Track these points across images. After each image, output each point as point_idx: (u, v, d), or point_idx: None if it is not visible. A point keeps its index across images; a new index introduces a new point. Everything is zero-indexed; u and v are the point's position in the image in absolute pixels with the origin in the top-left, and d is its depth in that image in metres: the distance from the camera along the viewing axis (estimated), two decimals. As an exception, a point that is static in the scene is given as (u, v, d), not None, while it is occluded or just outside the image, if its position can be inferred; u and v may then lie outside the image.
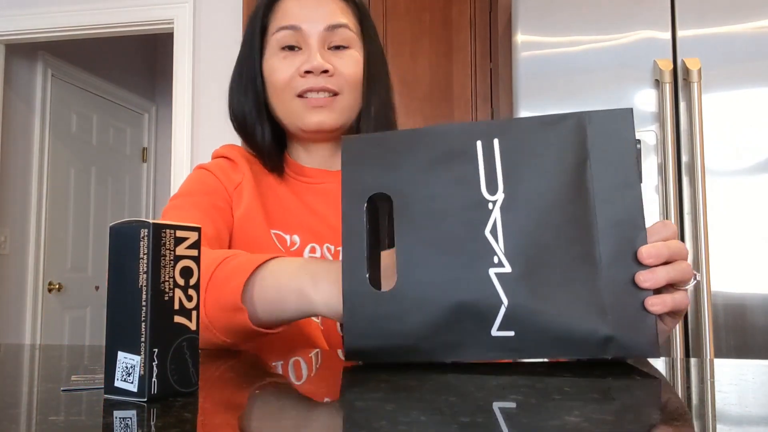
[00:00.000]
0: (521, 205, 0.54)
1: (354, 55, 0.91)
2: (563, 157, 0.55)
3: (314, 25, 0.89)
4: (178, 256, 0.49)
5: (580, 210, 0.54)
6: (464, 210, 0.55)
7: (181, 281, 0.49)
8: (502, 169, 0.55)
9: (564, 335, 0.53)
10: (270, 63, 0.91)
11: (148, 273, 0.47)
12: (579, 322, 0.53)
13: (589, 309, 0.53)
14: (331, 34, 0.89)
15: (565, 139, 0.55)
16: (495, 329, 0.53)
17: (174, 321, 0.48)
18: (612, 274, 0.53)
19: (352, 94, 0.90)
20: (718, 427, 0.38)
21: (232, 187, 0.91)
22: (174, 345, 0.48)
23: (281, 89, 0.89)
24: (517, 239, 0.54)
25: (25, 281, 3.35)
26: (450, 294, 0.53)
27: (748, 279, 1.57)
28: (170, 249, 0.48)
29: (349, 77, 0.89)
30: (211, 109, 2.85)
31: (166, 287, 0.47)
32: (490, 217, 0.54)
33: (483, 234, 0.54)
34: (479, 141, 0.56)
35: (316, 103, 0.88)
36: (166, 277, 0.48)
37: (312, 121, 0.89)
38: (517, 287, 0.53)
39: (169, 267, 0.48)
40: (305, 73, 0.88)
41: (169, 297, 0.48)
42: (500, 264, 0.53)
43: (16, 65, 3.31)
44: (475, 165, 0.55)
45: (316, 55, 0.88)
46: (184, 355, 0.48)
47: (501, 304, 0.53)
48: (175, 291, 0.48)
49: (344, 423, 0.40)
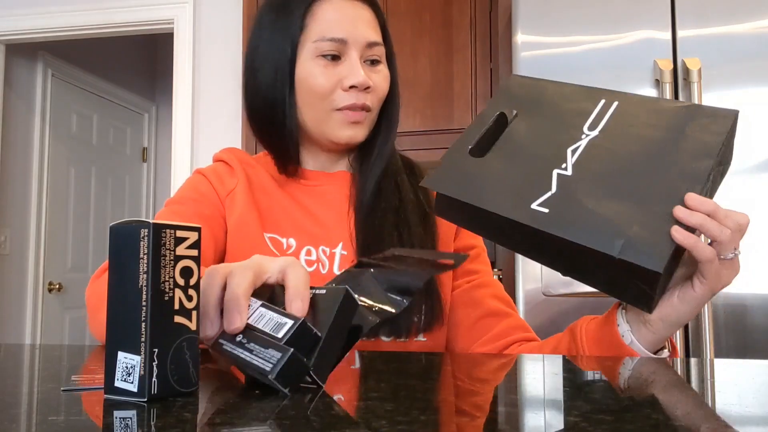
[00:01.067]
0: (607, 145, 0.67)
1: (385, 72, 0.92)
2: (659, 132, 0.66)
3: (357, 38, 0.88)
4: (178, 256, 0.49)
5: (653, 166, 0.64)
6: (564, 131, 0.69)
7: (181, 281, 0.49)
8: (609, 120, 0.69)
9: (587, 224, 0.61)
10: (308, 68, 0.88)
11: (148, 273, 0.47)
12: (606, 221, 0.61)
13: (619, 217, 0.61)
14: (369, 49, 0.89)
15: (668, 118, 0.67)
16: (535, 203, 0.64)
17: (174, 321, 0.48)
18: (655, 208, 0.61)
19: (378, 109, 0.92)
20: (718, 427, 0.38)
21: (225, 193, 0.91)
22: (174, 345, 0.48)
23: (319, 99, 0.88)
24: (589, 162, 0.66)
25: (25, 281, 3.35)
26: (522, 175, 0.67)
27: (748, 279, 1.57)
28: (170, 249, 0.48)
29: (380, 93, 0.91)
30: (211, 109, 2.85)
31: (166, 287, 0.47)
32: (579, 142, 0.68)
33: (565, 150, 0.68)
34: (603, 99, 0.71)
35: (354, 118, 0.88)
36: (166, 277, 0.48)
37: (346, 135, 0.89)
38: (568, 184, 0.65)
39: (169, 267, 0.48)
40: (349, 88, 0.87)
41: (169, 297, 0.48)
42: (565, 169, 0.66)
43: (16, 65, 3.31)
44: (590, 111, 0.70)
45: (360, 70, 0.87)
46: (184, 355, 0.48)
47: (549, 190, 0.65)
48: (176, 291, 0.48)
49: (344, 423, 0.40)
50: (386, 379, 0.54)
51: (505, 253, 1.97)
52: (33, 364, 0.67)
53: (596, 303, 1.62)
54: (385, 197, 0.91)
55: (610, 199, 0.62)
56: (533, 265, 1.65)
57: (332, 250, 0.89)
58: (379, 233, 0.87)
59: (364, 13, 0.90)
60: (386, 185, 0.92)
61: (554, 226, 0.62)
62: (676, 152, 0.64)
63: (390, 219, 0.89)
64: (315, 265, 0.87)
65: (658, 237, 0.59)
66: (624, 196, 0.62)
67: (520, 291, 1.66)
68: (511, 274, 1.78)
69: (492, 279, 0.95)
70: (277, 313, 0.51)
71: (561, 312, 1.61)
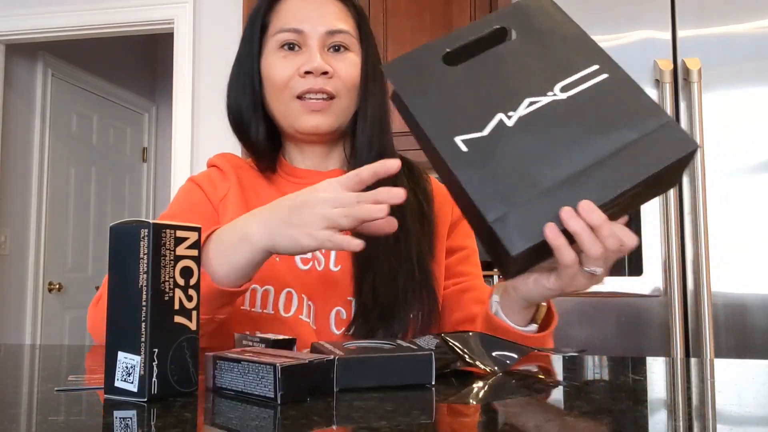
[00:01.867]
0: (562, 113, 0.62)
1: (352, 59, 0.92)
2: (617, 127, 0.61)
3: (316, 27, 0.89)
4: (178, 256, 0.49)
5: (586, 157, 0.60)
6: (538, 77, 0.65)
7: (182, 281, 0.49)
8: (584, 90, 0.63)
9: (487, 178, 0.59)
10: (269, 61, 0.91)
11: (149, 273, 0.47)
12: (505, 185, 0.59)
13: (519, 188, 0.59)
14: (331, 36, 0.90)
15: (637, 118, 0.62)
16: (460, 138, 0.62)
17: (174, 321, 0.48)
18: (559, 194, 0.59)
19: (348, 97, 0.91)
20: (718, 427, 0.38)
21: (217, 199, 0.92)
22: (174, 345, 0.48)
23: (279, 89, 0.90)
24: (535, 122, 0.61)
25: (26, 281, 3.35)
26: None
27: (748, 279, 1.57)
28: (170, 249, 0.48)
29: (347, 80, 0.90)
30: (211, 109, 2.85)
31: (166, 287, 0.47)
32: (541, 98, 0.63)
33: (523, 98, 0.63)
34: (596, 65, 0.65)
35: (313, 106, 0.89)
36: (166, 277, 0.48)
37: (308, 124, 0.89)
38: (501, 135, 0.61)
39: (169, 267, 0.48)
40: (305, 74, 0.88)
41: (169, 297, 0.48)
42: (510, 118, 0.62)
43: (16, 65, 3.31)
44: (575, 70, 0.65)
45: (317, 55, 0.88)
46: (185, 355, 0.48)
47: (480, 131, 0.62)
48: (176, 291, 0.48)
49: (344, 423, 0.40)
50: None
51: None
52: (33, 364, 0.67)
53: (596, 303, 1.62)
54: None
55: (526, 168, 0.60)
56: (533, 265, 1.65)
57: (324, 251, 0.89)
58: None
59: (328, 5, 0.91)
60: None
61: (458, 166, 0.60)
62: (616, 154, 0.60)
63: None
64: (311, 263, 0.87)
65: (534, 224, 0.58)
66: (541, 172, 0.59)
67: (520, 291, 1.65)
68: (511, 274, 1.78)
69: (479, 282, 0.94)
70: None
71: (561, 312, 1.60)
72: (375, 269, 0.84)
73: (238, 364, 0.47)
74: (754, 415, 0.41)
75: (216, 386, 0.49)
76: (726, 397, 0.47)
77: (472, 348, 0.62)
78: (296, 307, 0.85)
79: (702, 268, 1.55)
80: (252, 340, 0.64)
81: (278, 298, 0.85)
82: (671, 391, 0.52)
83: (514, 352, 0.63)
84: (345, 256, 0.88)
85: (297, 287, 0.85)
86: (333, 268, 0.87)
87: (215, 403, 0.46)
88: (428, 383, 0.52)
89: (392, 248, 0.85)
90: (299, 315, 0.84)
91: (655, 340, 1.58)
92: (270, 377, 0.45)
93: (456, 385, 0.53)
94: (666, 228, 1.58)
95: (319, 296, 0.86)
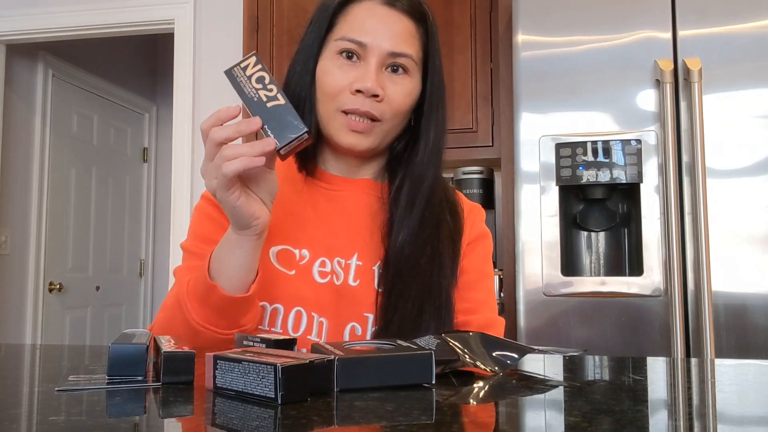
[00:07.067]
0: None
1: (408, 84, 0.88)
2: None
3: (380, 43, 0.85)
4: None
5: None
6: None
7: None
8: None
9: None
10: (325, 65, 0.87)
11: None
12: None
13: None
14: (392, 57, 0.86)
15: None
16: None
17: None
18: None
19: (392, 122, 0.88)
20: (719, 427, 0.38)
21: None
22: None
23: (328, 98, 0.87)
24: None
25: (26, 281, 3.35)
26: None
27: (748, 279, 1.57)
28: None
29: (395, 106, 0.87)
30: (212, 108, 2.83)
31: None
32: None
33: None
34: None
35: (355, 126, 0.86)
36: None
37: (346, 141, 0.87)
38: None
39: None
40: (356, 92, 0.85)
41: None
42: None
43: (16, 65, 3.31)
44: None
45: (372, 76, 0.84)
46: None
47: None
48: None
49: (345, 423, 0.40)
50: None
51: (506, 253, 1.97)
52: (33, 364, 0.67)
53: (596, 303, 1.62)
54: (424, 228, 0.88)
55: None
56: (534, 266, 1.65)
57: (347, 261, 0.87)
58: (411, 258, 0.86)
59: (400, 23, 0.87)
60: (429, 215, 0.90)
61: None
62: None
63: (426, 250, 0.87)
64: (329, 276, 0.86)
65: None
66: None
67: (520, 291, 1.65)
68: (512, 274, 1.78)
69: (481, 307, 0.92)
70: None
71: (561, 312, 1.61)
72: (405, 297, 0.84)
73: (239, 364, 0.47)
74: (755, 415, 0.41)
75: (216, 386, 0.49)
76: (726, 397, 0.47)
77: (473, 348, 0.62)
78: (305, 327, 0.84)
79: (702, 268, 1.55)
80: (252, 340, 0.64)
81: (287, 318, 0.84)
82: (671, 391, 0.52)
83: (514, 352, 0.63)
84: (364, 268, 0.87)
85: (308, 304, 0.85)
86: (352, 283, 0.86)
87: (215, 403, 0.46)
88: (428, 383, 0.52)
89: (425, 280, 0.85)
90: (308, 335, 0.84)
91: (656, 340, 1.58)
92: (271, 377, 0.45)
93: (456, 385, 0.53)
94: (666, 228, 1.58)
95: (333, 311, 0.85)
